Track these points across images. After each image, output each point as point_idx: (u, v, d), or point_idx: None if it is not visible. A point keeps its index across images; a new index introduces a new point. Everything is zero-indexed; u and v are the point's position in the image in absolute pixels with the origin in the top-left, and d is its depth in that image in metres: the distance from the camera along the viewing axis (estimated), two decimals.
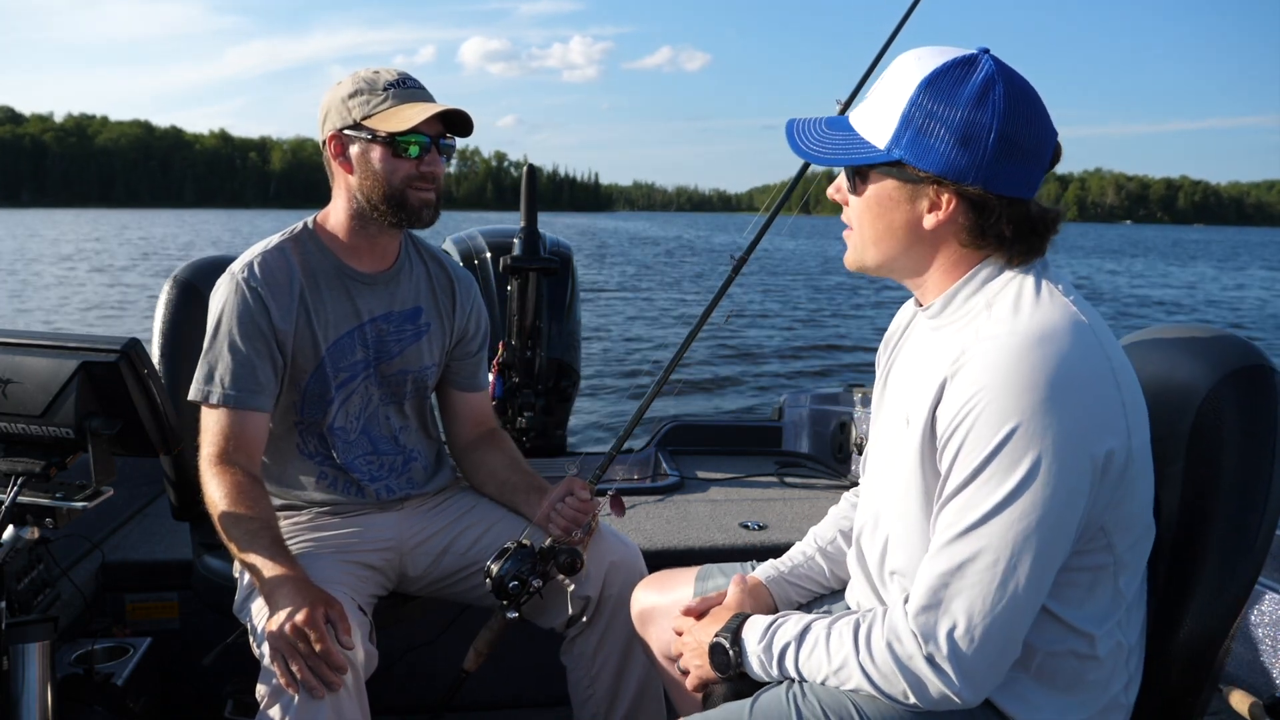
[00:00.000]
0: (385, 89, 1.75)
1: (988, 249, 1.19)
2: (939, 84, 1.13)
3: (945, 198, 1.16)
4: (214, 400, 1.74)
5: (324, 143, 1.80)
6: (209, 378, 1.75)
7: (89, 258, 33.41)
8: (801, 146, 1.24)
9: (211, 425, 1.74)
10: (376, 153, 1.74)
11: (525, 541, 1.77)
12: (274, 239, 1.85)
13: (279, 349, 1.78)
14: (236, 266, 1.80)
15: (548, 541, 1.77)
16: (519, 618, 1.77)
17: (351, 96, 1.75)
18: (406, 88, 1.76)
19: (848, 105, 2.07)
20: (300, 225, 1.88)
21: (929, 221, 1.18)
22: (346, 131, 1.76)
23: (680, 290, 23.47)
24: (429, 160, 1.76)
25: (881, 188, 1.20)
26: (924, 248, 1.21)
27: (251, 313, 1.75)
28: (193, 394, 1.76)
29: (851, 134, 1.21)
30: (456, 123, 1.80)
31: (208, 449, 1.73)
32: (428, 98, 1.78)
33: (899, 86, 1.16)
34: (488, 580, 1.74)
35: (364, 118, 1.74)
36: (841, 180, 1.26)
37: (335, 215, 1.85)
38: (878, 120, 1.18)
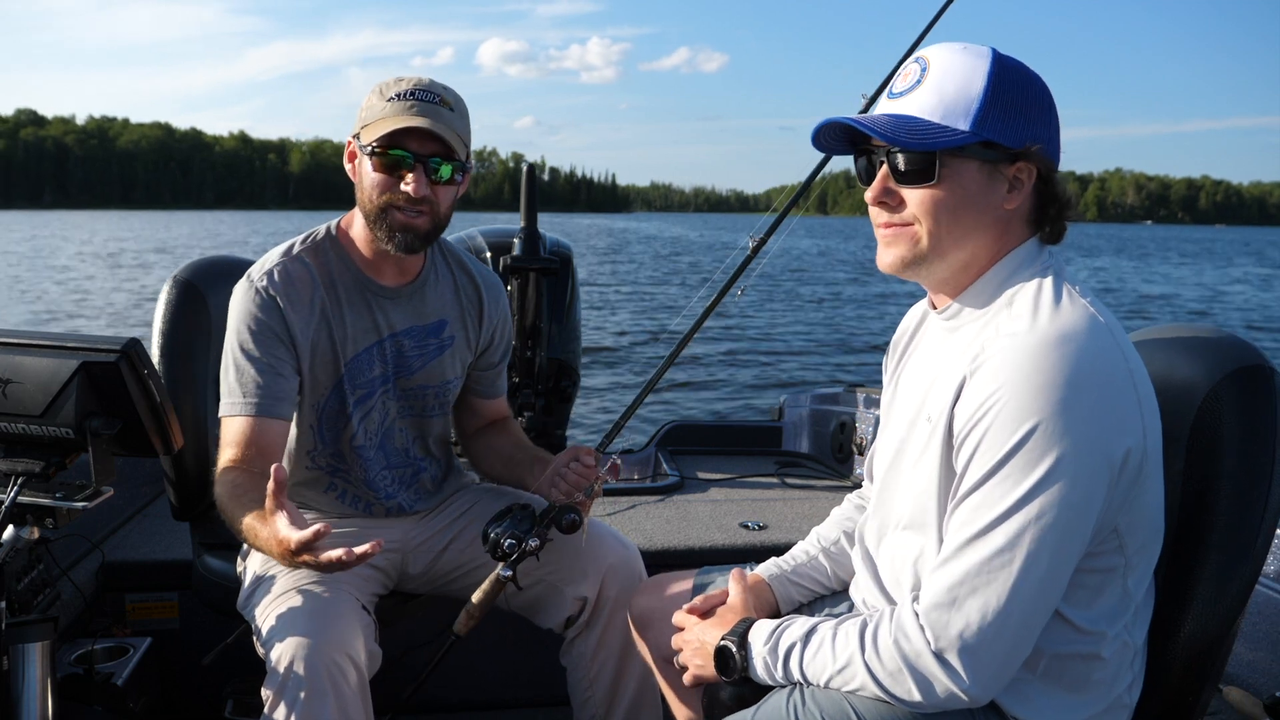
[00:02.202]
0: (391, 99, 1.66)
1: (1033, 228, 1.22)
2: (1005, 66, 1.17)
3: (1027, 174, 1.18)
4: (236, 411, 1.68)
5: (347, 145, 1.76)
6: (230, 390, 1.69)
7: (108, 258, 33.64)
8: (884, 133, 1.16)
9: (231, 435, 1.68)
10: (367, 164, 1.68)
11: (525, 504, 1.75)
12: (295, 245, 1.78)
13: (297, 359, 1.73)
14: (255, 273, 1.73)
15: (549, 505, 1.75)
16: (513, 577, 1.71)
17: (366, 103, 1.70)
18: (409, 99, 1.65)
19: (874, 99, 2.06)
20: (323, 231, 1.82)
21: (1010, 202, 1.19)
22: (354, 138, 1.71)
23: (687, 288, 23.46)
24: (411, 179, 1.65)
25: (964, 172, 1.17)
26: (993, 233, 1.20)
27: (270, 321, 1.69)
28: (222, 411, 1.70)
29: (917, 120, 1.17)
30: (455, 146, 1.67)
31: (225, 455, 1.67)
32: (427, 112, 1.64)
33: (963, 72, 1.16)
34: (484, 541, 1.70)
35: (363, 125, 1.68)
36: (888, 178, 1.20)
37: (357, 224, 1.79)
38: (947, 106, 1.16)
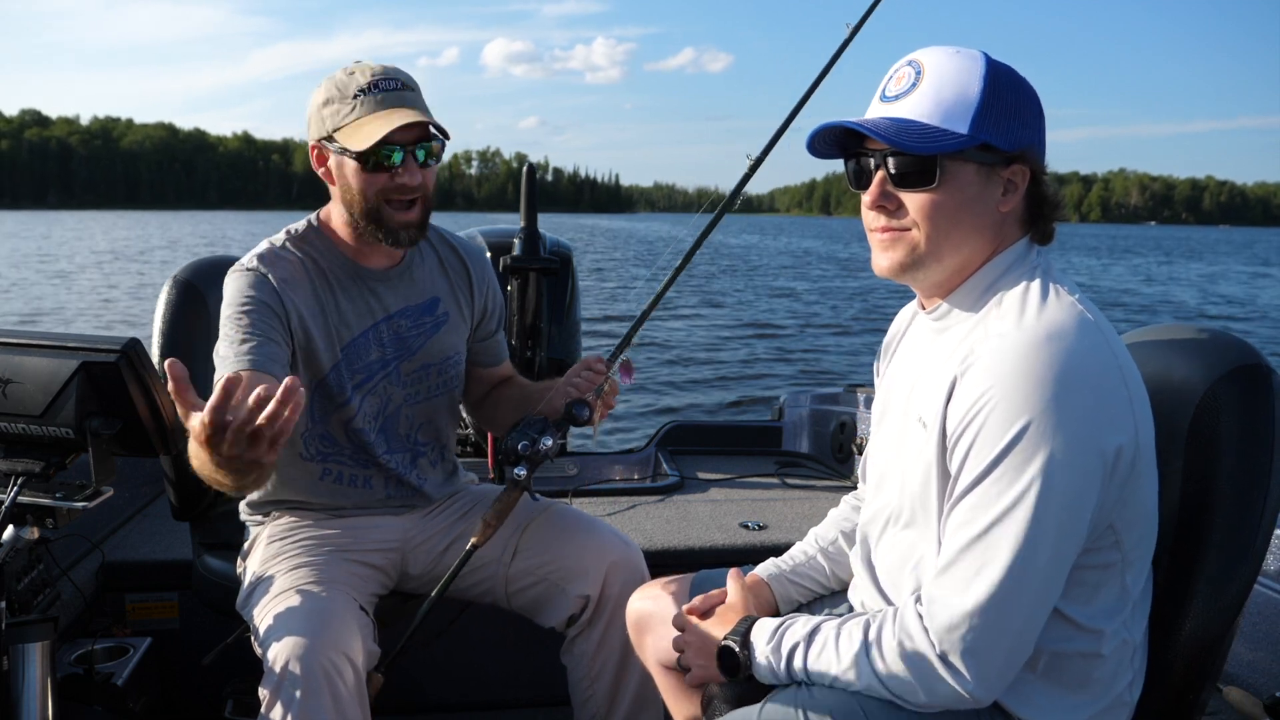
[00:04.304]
0: (355, 96, 1.65)
1: (1025, 229, 1.22)
2: (998, 70, 1.17)
3: (1021, 176, 1.18)
4: (226, 370, 1.62)
5: (310, 150, 1.75)
6: (222, 359, 1.66)
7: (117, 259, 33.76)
8: (888, 136, 1.15)
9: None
10: (350, 166, 1.68)
11: (537, 413, 1.76)
12: (279, 237, 1.79)
13: (290, 333, 1.71)
14: (245, 259, 1.74)
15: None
16: (527, 479, 1.72)
17: (325, 105, 1.68)
18: (376, 92, 1.65)
19: (858, 28, 1.98)
20: (304, 223, 1.82)
21: (1005, 205, 1.19)
22: (323, 142, 1.70)
23: (696, 291, 23.48)
24: (404, 170, 1.67)
25: (962, 175, 1.17)
26: (988, 236, 1.20)
27: (263, 296, 1.68)
28: (215, 380, 1.66)
29: (917, 123, 1.16)
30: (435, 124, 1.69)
31: None
32: (399, 100, 1.66)
33: (959, 75, 1.16)
34: (499, 454, 1.71)
35: (335, 129, 1.67)
36: (886, 182, 1.19)
37: (336, 218, 1.80)
38: (945, 110, 1.15)
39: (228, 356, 1.64)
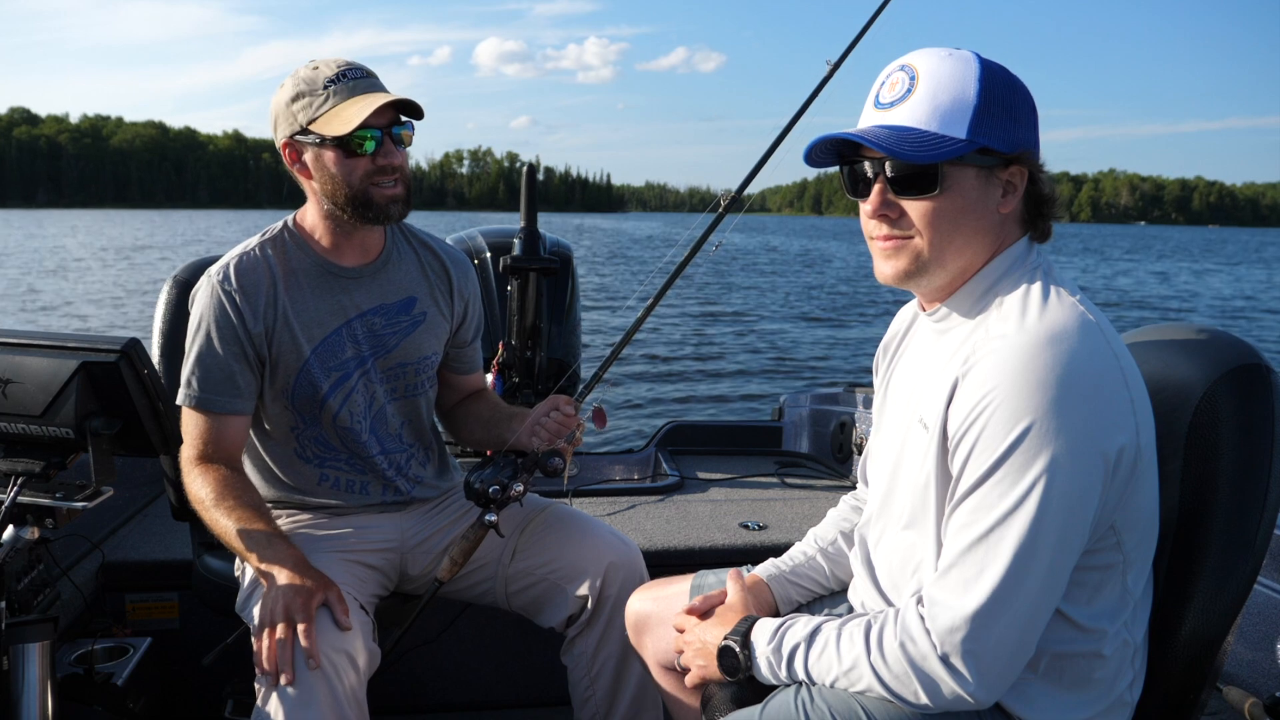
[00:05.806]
0: (325, 87, 1.68)
1: (1024, 229, 1.23)
2: (993, 71, 1.17)
3: (1020, 177, 1.19)
4: (192, 404, 1.73)
5: (280, 150, 1.76)
6: (188, 382, 1.74)
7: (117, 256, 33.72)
8: (887, 146, 1.15)
9: (191, 428, 1.74)
10: (329, 156, 1.70)
11: (507, 453, 1.77)
12: (253, 240, 1.83)
13: (255, 352, 1.76)
14: (214, 269, 1.78)
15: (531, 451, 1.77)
16: (496, 523, 1.74)
17: (294, 100, 1.70)
18: (346, 81, 1.69)
19: (838, 65, 2.04)
20: (280, 225, 1.85)
21: (1005, 206, 1.19)
22: (297, 138, 1.72)
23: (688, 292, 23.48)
24: (384, 153, 1.70)
25: (962, 180, 1.16)
26: (989, 238, 1.20)
27: (226, 317, 1.74)
28: (179, 399, 1.75)
29: (915, 130, 1.15)
30: (408, 106, 1.72)
31: (188, 450, 1.74)
32: (370, 87, 1.70)
33: (955, 79, 1.16)
34: (467, 493, 1.73)
35: (309, 122, 1.69)
36: (886, 191, 1.19)
37: (310, 216, 1.83)
38: (943, 115, 1.15)
39: (194, 390, 1.74)
